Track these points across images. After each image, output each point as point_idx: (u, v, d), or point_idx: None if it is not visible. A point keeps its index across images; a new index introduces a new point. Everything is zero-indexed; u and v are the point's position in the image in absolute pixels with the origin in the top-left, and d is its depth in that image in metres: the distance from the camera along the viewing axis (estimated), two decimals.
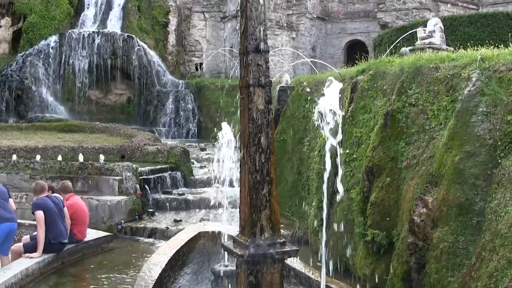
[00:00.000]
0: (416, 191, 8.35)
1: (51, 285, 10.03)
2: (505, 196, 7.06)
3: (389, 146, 9.27)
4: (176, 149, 19.45)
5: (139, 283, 7.28)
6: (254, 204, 6.05)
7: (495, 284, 6.64)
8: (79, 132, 23.66)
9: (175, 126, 30.97)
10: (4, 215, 10.34)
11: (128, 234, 14.42)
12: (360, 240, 9.73)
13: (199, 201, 16.60)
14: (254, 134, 6.03)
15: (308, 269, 7.97)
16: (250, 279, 6.09)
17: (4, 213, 10.34)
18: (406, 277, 8.16)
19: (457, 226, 7.58)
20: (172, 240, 9.06)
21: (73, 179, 14.39)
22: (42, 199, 10.93)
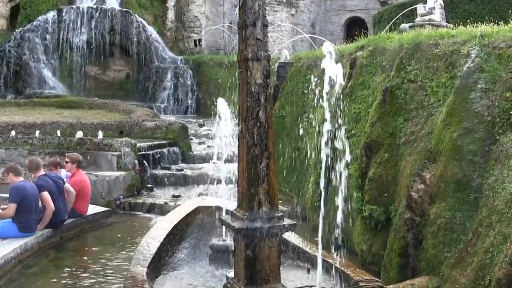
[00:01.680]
0: (414, 167, 8.36)
1: (50, 259, 10.08)
2: (503, 172, 7.07)
3: (387, 122, 9.27)
4: (174, 125, 19.43)
5: (137, 257, 7.31)
6: (252, 178, 6.06)
7: (491, 259, 6.68)
8: (78, 108, 23.59)
9: (174, 102, 30.90)
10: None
11: (127, 210, 14.44)
12: (358, 216, 9.76)
13: (198, 176, 16.62)
14: (253, 108, 6.02)
15: (306, 244, 8.00)
16: (247, 253, 6.12)
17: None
18: (403, 253, 8.19)
19: (454, 202, 7.60)
20: (170, 214, 9.09)
21: None
22: (44, 180, 10.95)
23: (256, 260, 6.16)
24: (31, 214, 10.24)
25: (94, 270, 9.43)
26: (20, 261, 9.61)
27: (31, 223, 10.29)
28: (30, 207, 10.24)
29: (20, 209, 10.11)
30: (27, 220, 10.18)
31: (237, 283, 6.34)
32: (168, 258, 7.84)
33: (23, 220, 10.13)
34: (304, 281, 6.97)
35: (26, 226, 10.19)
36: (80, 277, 9.09)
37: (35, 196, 10.42)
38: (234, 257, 6.51)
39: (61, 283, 8.76)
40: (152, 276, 7.00)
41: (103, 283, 8.81)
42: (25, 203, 10.17)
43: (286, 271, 7.12)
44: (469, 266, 7.07)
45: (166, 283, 7.08)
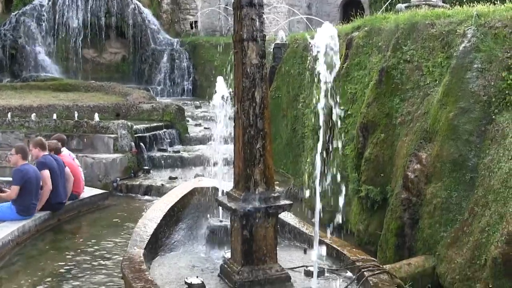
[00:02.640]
0: (410, 147, 8.38)
1: (47, 241, 10.10)
2: (498, 152, 7.08)
3: (383, 103, 9.27)
4: (171, 107, 19.40)
5: (134, 238, 7.32)
6: (248, 158, 6.06)
7: (486, 239, 6.71)
8: (74, 91, 23.52)
9: (170, 84, 30.84)
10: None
11: (124, 192, 14.47)
12: (354, 196, 9.79)
13: (195, 158, 16.61)
14: (248, 89, 6.02)
15: (302, 224, 8.02)
16: (244, 233, 6.14)
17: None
18: (400, 233, 8.22)
19: (450, 182, 7.62)
20: (167, 196, 9.09)
21: (68, 137, 14.33)
22: (47, 158, 10.97)
23: (252, 240, 6.18)
24: (31, 198, 10.25)
25: (91, 252, 9.45)
26: (18, 243, 9.63)
27: (31, 207, 10.30)
28: (32, 191, 10.26)
29: (22, 192, 10.13)
30: (27, 204, 10.20)
31: (233, 263, 6.36)
32: (165, 239, 7.85)
33: (23, 203, 10.14)
34: (301, 261, 6.99)
35: (25, 209, 10.20)
36: (77, 259, 9.11)
37: (37, 180, 10.44)
38: (231, 237, 6.53)
39: (59, 265, 8.78)
40: (149, 257, 7.02)
41: (101, 265, 8.84)
42: (28, 187, 10.19)
43: (283, 252, 7.14)
44: (465, 245, 7.10)
45: (163, 264, 7.09)
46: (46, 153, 11.13)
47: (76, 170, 12.22)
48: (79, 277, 8.32)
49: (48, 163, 10.84)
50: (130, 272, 6.19)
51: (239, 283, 6.12)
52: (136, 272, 6.17)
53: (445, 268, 7.35)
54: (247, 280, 6.14)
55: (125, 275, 6.23)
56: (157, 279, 6.28)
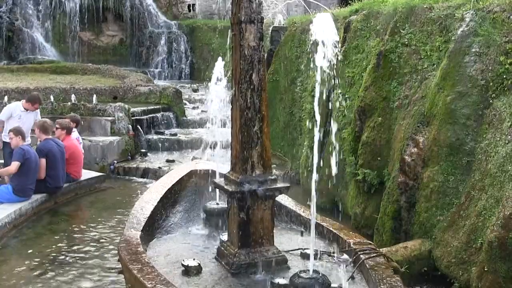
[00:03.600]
0: (408, 131, 8.38)
1: (44, 224, 10.12)
2: (495, 136, 7.10)
3: (381, 86, 9.26)
4: (168, 90, 19.37)
5: (131, 220, 7.31)
6: (245, 141, 6.05)
7: (482, 223, 6.73)
8: (71, 74, 23.40)
9: (168, 67, 30.71)
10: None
11: (121, 174, 14.50)
12: (351, 180, 9.80)
13: (192, 141, 16.62)
14: (246, 71, 5.99)
15: (300, 207, 8.02)
16: (241, 216, 6.14)
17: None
18: (396, 216, 8.24)
19: (447, 165, 7.64)
20: (164, 178, 9.08)
21: None
22: (48, 144, 10.97)
23: (249, 223, 6.18)
24: (28, 180, 10.27)
25: (88, 235, 9.47)
26: (15, 226, 9.64)
27: (27, 189, 10.31)
28: (30, 172, 10.29)
29: (21, 171, 10.17)
30: (23, 185, 10.22)
31: (230, 245, 6.37)
32: (162, 221, 7.85)
33: (19, 183, 10.17)
34: (298, 244, 7.00)
35: (22, 190, 10.22)
36: (74, 241, 9.14)
37: (36, 163, 10.46)
38: (228, 220, 6.53)
39: (55, 248, 8.80)
40: (146, 239, 7.02)
41: (98, 247, 8.86)
42: (26, 167, 10.25)
43: (279, 234, 7.15)
44: (461, 229, 7.13)
45: (160, 246, 7.10)
46: (49, 137, 11.14)
47: (80, 155, 12.25)
48: (75, 259, 8.34)
49: (45, 150, 10.84)
50: (127, 254, 6.19)
51: (236, 265, 6.13)
52: (133, 254, 6.17)
53: (441, 252, 7.38)
54: (244, 263, 6.15)
55: (122, 257, 6.24)
56: (154, 261, 6.28)
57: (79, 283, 7.47)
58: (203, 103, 20.90)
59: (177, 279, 5.99)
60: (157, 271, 5.73)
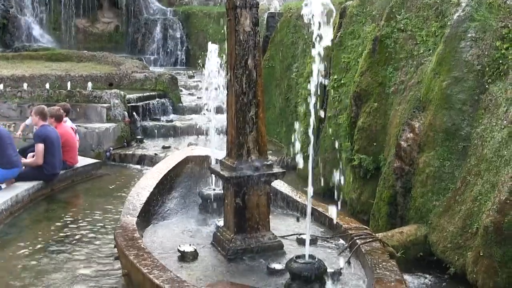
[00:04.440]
0: (403, 116, 8.37)
1: (41, 211, 10.12)
2: (491, 121, 7.10)
3: (377, 72, 9.25)
4: (164, 76, 19.35)
5: (127, 206, 7.32)
6: (240, 126, 6.05)
7: (478, 208, 6.74)
8: (66, 61, 23.35)
9: (163, 54, 30.67)
10: (15, 159, 10.41)
11: (117, 161, 14.47)
12: (347, 165, 9.80)
13: (188, 127, 16.63)
14: (241, 56, 5.98)
15: (295, 193, 8.03)
16: (237, 201, 6.15)
17: (14, 157, 10.40)
18: (392, 201, 8.25)
19: (443, 151, 7.64)
20: (160, 164, 9.08)
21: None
22: (46, 129, 10.98)
23: (245, 208, 6.19)
24: (8, 151, 10.33)
25: (85, 221, 9.46)
26: (12, 213, 9.63)
27: (12, 161, 10.37)
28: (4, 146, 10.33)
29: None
30: (8, 158, 10.29)
31: (226, 231, 6.38)
32: (158, 207, 7.86)
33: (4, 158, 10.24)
34: (294, 229, 7.02)
35: (8, 162, 10.30)
36: (71, 228, 9.13)
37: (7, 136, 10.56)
38: (224, 205, 6.54)
39: (52, 234, 8.80)
40: (142, 225, 7.02)
41: (94, 234, 8.86)
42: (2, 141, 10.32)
43: (275, 220, 7.16)
44: (457, 214, 7.14)
45: (156, 232, 7.10)
46: (46, 123, 11.14)
47: (74, 141, 12.24)
48: (72, 245, 8.34)
49: (44, 135, 10.86)
50: (123, 240, 6.20)
51: (232, 250, 6.15)
52: (129, 240, 6.18)
53: (437, 237, 7.39)
54: (240, 248, 6.17)
55: (118, 243, 6.25)
56: (150, 247, 6.29)
57: (75, 269, 7.47)
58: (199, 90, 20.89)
59: (173, 264, 6.00)
60: (153, 256, 5.75)
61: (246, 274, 5.86)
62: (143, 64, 24.13)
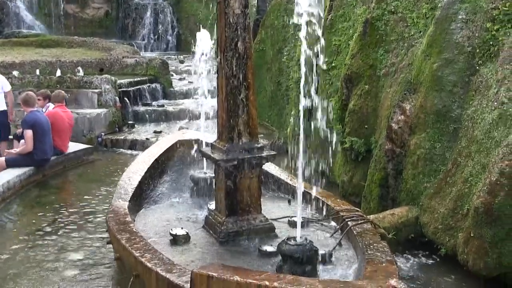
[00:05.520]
0: (394, 99, 8.37)
1: (32, 197, 10.10)
2: (482, 103, 7.10)
3: (368, 54, 9.24)
4: (155, 61, 19.33)
5: (118, 191, 7.31)
6: (231, 109, 6.04)
7: (469, 189, 6.75)
8: (57, 47, 23.29)
9: (154, 39, 30.62)
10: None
11: (109, 146, 14.50)
12: (339, 148, 9.81)
13: (179, 112, 16.69)
14: (231, 39, 5.96)
15: (287, 176, 8.04)
16: (228, 184, 6.15)
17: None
18: (383, 183, 8.27)
19: (434, 132, 7.64)
20: (151, 148, 9.07)
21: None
22: (34, 115, 10.95)
23: (236, 191, 6.19)
24: None
25: (77, 206, 9.47)
26: (3, 199, 9.61)
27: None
28: None
29: None
30: None
31: (218, 214, 6.38)
32: (149, 191, 7.86)
33: None
34: (285, 212, 7.03)
35: None
36: (63, 213, 9.12)
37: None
38: (215, 188, 6.54)
39: (44, 220, 8.78)
40: (134, 209, 7.03)
41: (86, 219, 8.85)
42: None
43: (267, 203, 7.18)
44: (447, 196, 7.16)
45: (148, 216, 7.11)
46: (34, 109, 11.11)
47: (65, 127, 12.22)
48: (64, 231, 8.34)
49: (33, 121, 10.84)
50: (115, 224, 6.20)
51: (224, 233, 6.15)
52: (121, 224, 6.18)
53: (428, 218, 7.41)
54: (232, 231, 6.17)
55: (110, 227, 6.25)
56: (142, 231, 6.29)
57: (68, 254, 7.47)
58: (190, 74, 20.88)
59: (165, 248, 6.00)
60: (145, 240, 5.75)
61: (238, 256, 5.87)
62: (134, 49, 24.08)
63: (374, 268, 4.84)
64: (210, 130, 8.40)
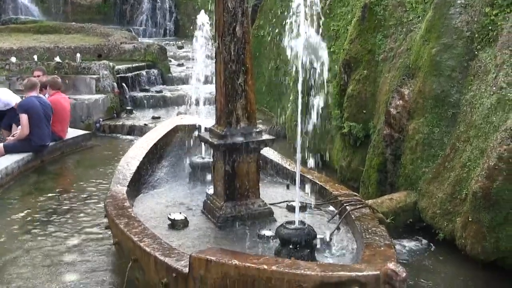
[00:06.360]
0: (393, 84, 8.36)
1: (31, 183, 10.09)
2: (480, 88, 7.09)
3: (366, 39, 9.21)
4: (153, 47, 19.30)
5: (117, 176, 7.31)
6: (229, 94, 6.03)
7: (467, 174, 6.77)
8: (55, 33, 23.20)
9: (152, 25, 30.54)
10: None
11: (107, 132, 14.50)
12: (337, 133, 9.81)
13: (177, 98, 16.67)
14: (229, 24, 5.94)
15: (285, 161, 8.04)
16: (226, 169, 6.14)
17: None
18: (382, 168, 8.28)
19: (432, 117, 7.64)
20: (149, 133, 9.07)
21: None
22: (29, 100, 10.94)
23: (235, 176, 6.19)
24: None
25: (75, 192, 9.47)
26: (1, 185, 9.60)
27: None
28: None
29: None
30: None
31: (216, 199, 6.39)
32: (148, 176, 7.86)
33: None
34: (284, 197, 7.03)
35: None
36: (62, 199, 9.13)
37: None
38: (213, 173, 6.54)
39: (42, 206, 8.79)
40: (132, 194, 7.02)
41: (85, 204, 8.86)
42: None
43: (265, 187, 7.18)
44: (446, 180, 7.16)
45: (146, 201, 7.11)
46: (33, 94, 11.10)
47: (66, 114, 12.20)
48: (63, 217, 8.34)
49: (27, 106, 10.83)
50: (114, 209, 6.20)
51: (222, 218, 6.16)
52: (119, 209, 6.18)
53: (426, 203, 7.43)
54: (230, 215, 6.18)
55: (109, 212, 6.24)
56: (140, 216, 6.29)
57: (66, 240, 7.48)
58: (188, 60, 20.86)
59: (163, 232, 6.00)
60: (143, 225, 5.75)
61: (236, 241, 5.88)
62: (132, 35, 24.00)
63: (372, 252, 4.85)
64: (209, 116, 8.39)
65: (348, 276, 3.78)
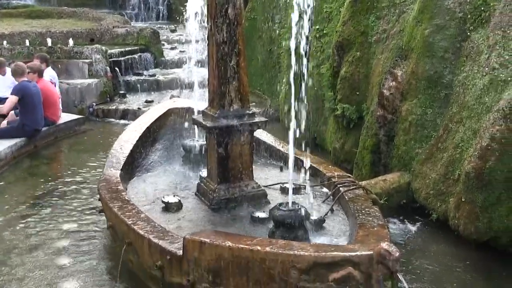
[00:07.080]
0: (386, 65, 8.35)
1: (24, 168, 10.10)
2: (473, 69, 7.09)
3: (359, 21, 9.18)
4: (145, 31, 19.23)
5: (110, 159, 7.30)
6: (222, 76, 6.02)
7: (460, 154, 6.78)
8: (47, 18, 23.09)
9: (145, 8, 30.35)
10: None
11: (100, 117, 14.49)
12: (330, 115, 9.81)
13: (170, 81, 16.65)
14: (221, 5, 5.92)
15: (278, 143, 8.05)
16: (219, 151, 6.15)
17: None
18: (375, 150, 8.29)
19: (425, 98, 7.64)
20: (142, 117, 9.05)
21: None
22: (25, 84, 10.91)
23: (228, 158, 6.19)
24: None
25: (69, 177, 9.47)
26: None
27: None
28: None
29: None
30: None
31: (210, 181, 6.39)
32: (141, 160, 7.86)
33: None
34: (277, 179, 7.04)
35: None
36: (56, 183, 9.12)
37: None
38: (207, 156, 6.54)
39: (36, 191, 8.79)
40: (126, 178, 7.02)
41: (79, 188, 8.86)
42: None
43: (259, 170, 7.19)
44: (439, 161, 7.18)
45: (140, 184, 7.11)
46: (24, 79, 11.05)
47: (54, 96, 12.14)
48: (56, 201, 8.35)
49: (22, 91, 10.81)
50: (107, 193, 6.20)
51: (216, 200, 6.17)
52: (113, 193, 6.18)
53: (420, 184, 7.45)
54: (224, 198, 6.19)
55: (102, 195, 6.24)
56: (134, 199, 6.30)
57: (60, 224, 7.48)
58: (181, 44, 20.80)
59: (157, 215, 6.01)
60: (137, 208, 5.76)
61: (230, 223, 5.89)
62: (124, 19, 23.89)
63: (365, 233, 4.86)
64: (202, 99, 8.38)
65: (341, 256, 3.79)
